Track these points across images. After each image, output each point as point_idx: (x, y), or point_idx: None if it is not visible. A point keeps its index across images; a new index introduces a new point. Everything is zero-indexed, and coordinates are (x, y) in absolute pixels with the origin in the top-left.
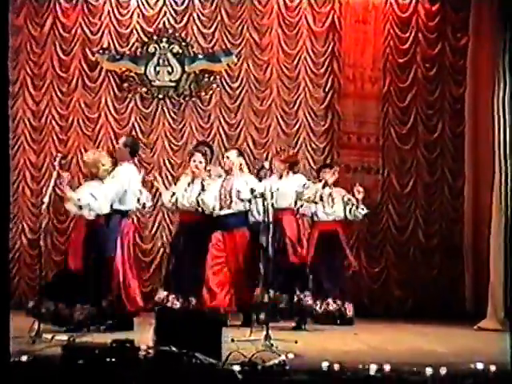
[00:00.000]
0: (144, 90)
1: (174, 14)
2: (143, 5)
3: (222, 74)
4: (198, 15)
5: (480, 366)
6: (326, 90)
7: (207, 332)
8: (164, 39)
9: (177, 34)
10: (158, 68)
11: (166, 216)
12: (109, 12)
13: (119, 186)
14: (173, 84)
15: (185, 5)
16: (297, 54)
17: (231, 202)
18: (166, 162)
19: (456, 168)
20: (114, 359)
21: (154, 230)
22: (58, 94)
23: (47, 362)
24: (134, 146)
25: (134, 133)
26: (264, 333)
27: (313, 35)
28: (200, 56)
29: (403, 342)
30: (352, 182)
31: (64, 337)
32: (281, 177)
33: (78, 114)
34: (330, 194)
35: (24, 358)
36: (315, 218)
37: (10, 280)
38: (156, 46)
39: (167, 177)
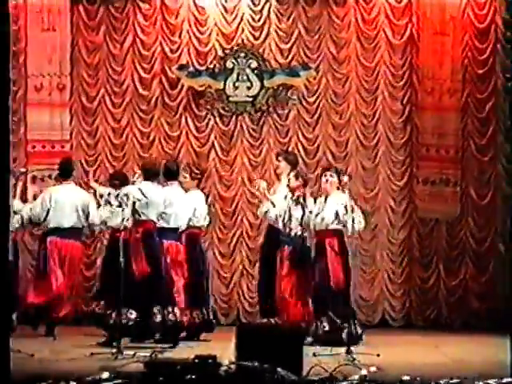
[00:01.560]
0: (221, 105)
1: (251, 30)
2: (221, 22)
3: (301, 89)
4: (275, 30)
5: None
6: (404, 102)
7: (288, 346)
8: (242, 54)
9: (254, 50)
10: (237, 83)
11: (244, 232)
12: (188, 30)
13: None
14: (250, 99)
15: (262, 21)
16: (375, 67)
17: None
18: (245, 178)
19: None
20: (195, 375)
21: (233, 246)
22: (138, 111)
23: (129, 378)
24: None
25: (213, 151)
26: (345, 347)
27: (391, 48)
28: (279, 71)
29: (484, 355)
30: (431, 194)
31: (146, 353)
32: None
33: (158, 131)
34: (325, 201)
35: (105, 375)
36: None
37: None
38: (234, 61)
39: (245, 193)
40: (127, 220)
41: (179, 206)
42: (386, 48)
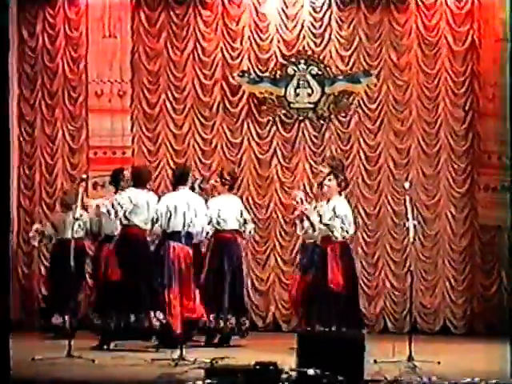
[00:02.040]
0: (283, 112)
1: (312, 37)
2: (282, 29)
3: (361, 96)
4: (336, 37)
5: None
6: (466, 109)
7: (349, 353)
8: (303, 61)
9: (315, 56)
10: (298, 90)
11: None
12: (248, 37)
13: None
14: (312, 106)
15: (322, 28)
16: (436, 73)
17: None
18: (306, 185)
19: None
20: (256, 382)
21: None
22: (200, 118)
23: None
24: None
25: (275, 157)
26: (407, 353)
27: (452, 54)
28: (340, 77)
29: None
30: (492, 201)
31: (206, 359)
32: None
33: (220, 138)
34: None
35: (166, 382)
36: None
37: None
38: (295, 67)
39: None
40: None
41: (187, 210)
42: (447, 54)
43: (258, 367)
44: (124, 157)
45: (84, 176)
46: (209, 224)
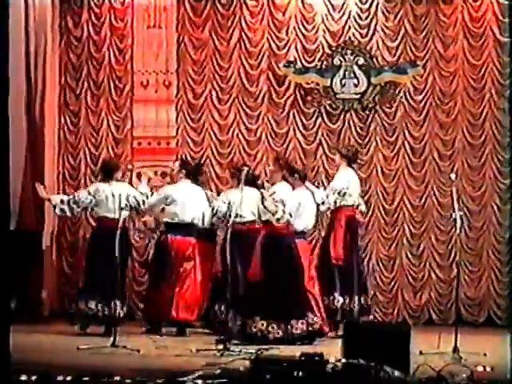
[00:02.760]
0: (329, 102)
1: (358, 28)
2: (328, 19)
3: (407, 87)
4: (382, 28)
5: None
6: None
7: (395, 344)
8: (349, 51)
9: (362, 47)
10: (344, 80)
11: None
12: (294, 27)
13: None
14: (357, 96)
15: (369, 18)
16: (482, 64)
17: None
18: None
19: None
20: (302, 372)
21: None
22: (245, 108)
23: (235, 375)
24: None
25: (321, 148)
26: (452, 345)
27: (498, 45)
28: (386, 68)
29: None
30: None
31: (251, 350)
32: None
33: (266, 128)
34: None
35: (212, 371)
36: None
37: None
38: (341, 58)
39: None
40: None
41: (188, 202)
42: (494, 45)
43: (303, 358)
44: (169, 147)
45: (129, 166)
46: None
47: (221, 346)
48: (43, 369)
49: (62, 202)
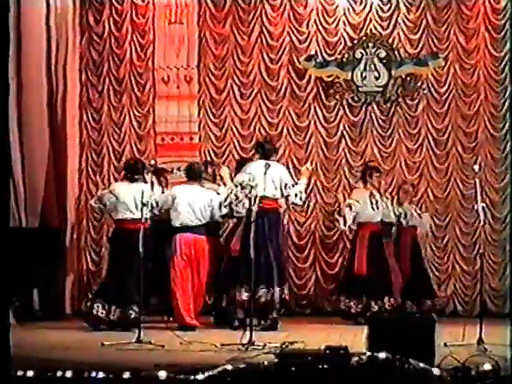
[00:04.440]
0: (351, 95)
1: (379, 21)
2: (349, 12)
3: (429, 79)
4: (403, 21)
5: None
6: None
7: (420, 336)
8: (370, 44)
9: (383, 40)
10: (364, 73)
11: None
12: (315, 20)
13: None
14: (379, 89)
15: (390, 11)
16: (504, 56)
17: None
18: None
19: None
20: (326, 365)
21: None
22: (266, 102)
23: (260, 370)
24: None
25: (343, 141)
26: (477, 336)
27: None
28: (407, 60)
29: None
30: None
31: (277, 343)
32: None
33: (287, 122)
34: None
35: (236, 366)
36: None
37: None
38: (362, 51)
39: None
40: None
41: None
42: None
43: (328, 351)
44: (191, 143)
45: (152, 162)
46: None
47: (245, 341)
48: (66, 366)
49: None
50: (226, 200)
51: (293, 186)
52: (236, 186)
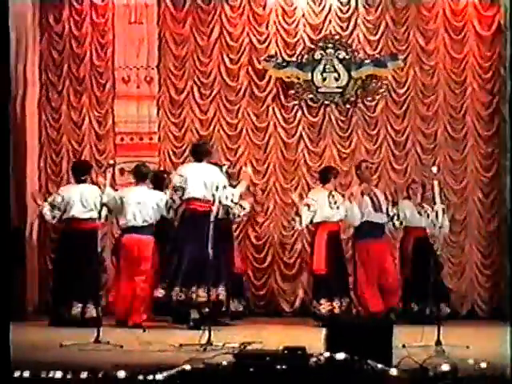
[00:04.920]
0: (310, 96)
1: (339, 22)
2: (309, 13)
3: (389, 80)
4: (363, 22)
5: None
6: (493, 93)
7: (378, 338)
8: (330, 45)
9: (342, 41)
10: (324, 74)
11: None
12: (275, 21)
13: None
14: (339, 90)
15: (350, 12)
16: (463, 58)
17: None
18: None
19: None
20: (285, 366)
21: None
22: (226, 103)
23: (218, 370)
24: None
25: (302, 142)
26: (435, 338)
27: (479, 39)
28: (366, 61)
29: None
30: None
31: (235, 344)
32: None
33: (246, 122)
34: None
35: (195, 366)
36: None
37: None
38: (322, 52)
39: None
40: None
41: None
42: (474, 39)
43: (286, 352)
44: (151, 143)
45: (111, 162)
46: None
47: (203, 341)
48: (24, 366)
49: None
50: (166, 204)
51: (224, 188)
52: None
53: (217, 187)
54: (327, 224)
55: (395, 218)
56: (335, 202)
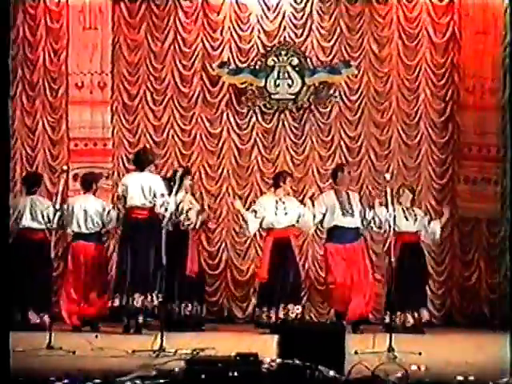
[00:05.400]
0: (263, 102)
1: (293, 28)
2: (263, 19)
3: (342, 87)
4: (317, 28)
5: None
6: (446, 101)
7: (330, 344)
8: (283, 52)
9: (296, 47)
10: (277, 81)
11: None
12: (229, 27)
13: None
14: (292, 97)
15: (304, 19)
16: (417, 65)
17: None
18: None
19: None
20: (237, 372)
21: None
22: (179, 108)
23: (170, 376)
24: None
25: (256, 148)
26: (387, 344)
27: (432, 46)
28: (320, 68)
29: None
30: (472, 193)
31: (187, 350)
32: None
33: (200, 128)
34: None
35: (147, 372)
36: None
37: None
38: (275, 58)
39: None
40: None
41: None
42: (428, 46)
43: (238, 358)
44: (105, 148)
45: (65, 167)
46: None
47: (156, 347)
48: None
49: None
50: (107, 212)
51: (162, 196)
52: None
53: (154, 195)
54: (274, 230)
55: (372, 222)
56: (284, 208)
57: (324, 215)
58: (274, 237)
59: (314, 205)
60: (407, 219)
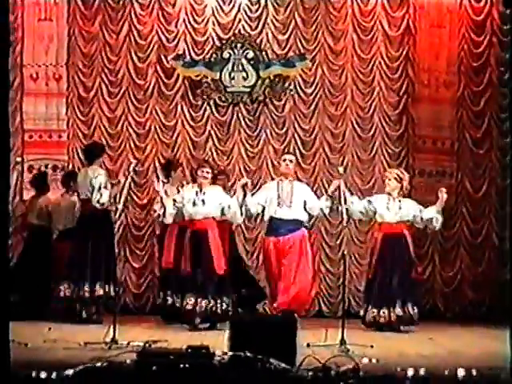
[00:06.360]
0: (218, 95)
1: (248, 21)
2: (218, 12)
3: (297, 80)
4: (272, 21)
5: None
6: (401, 94)
7: (281, 337)
8: (238, 45)
9: (251, 40)
10: (232, 74)
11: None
12: (184, 20)
13: None
14: (247, 90)
15: (259, 11)
16: (371, 58)
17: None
18: (242, 169)
19: None
20: (188, 365)
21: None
22: (134, 101)
23: (122, 368)
24: None
25: (210, 140)
26: (339, 337)
27: (387, 40)
28: (274, 61)
29: (480, 346)
30: (427, 185)
31: (140, 342)
32: None
33: (154, 121)
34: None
35: (98, 364)
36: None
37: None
38: (230, 51)
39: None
40: None
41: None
42: (383, 40)
43: (190, 350)
44: (60, 140)
45: (18, 159)
46: None
47: (108, 339)
48: None
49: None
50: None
51: (99, 190)
52: None
53: (93, 188)
54: (193, 222)
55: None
56: (203, 200)
57: (264, 207)
58: (191, 229)
59: (245, 195)
60: (389, 209)
